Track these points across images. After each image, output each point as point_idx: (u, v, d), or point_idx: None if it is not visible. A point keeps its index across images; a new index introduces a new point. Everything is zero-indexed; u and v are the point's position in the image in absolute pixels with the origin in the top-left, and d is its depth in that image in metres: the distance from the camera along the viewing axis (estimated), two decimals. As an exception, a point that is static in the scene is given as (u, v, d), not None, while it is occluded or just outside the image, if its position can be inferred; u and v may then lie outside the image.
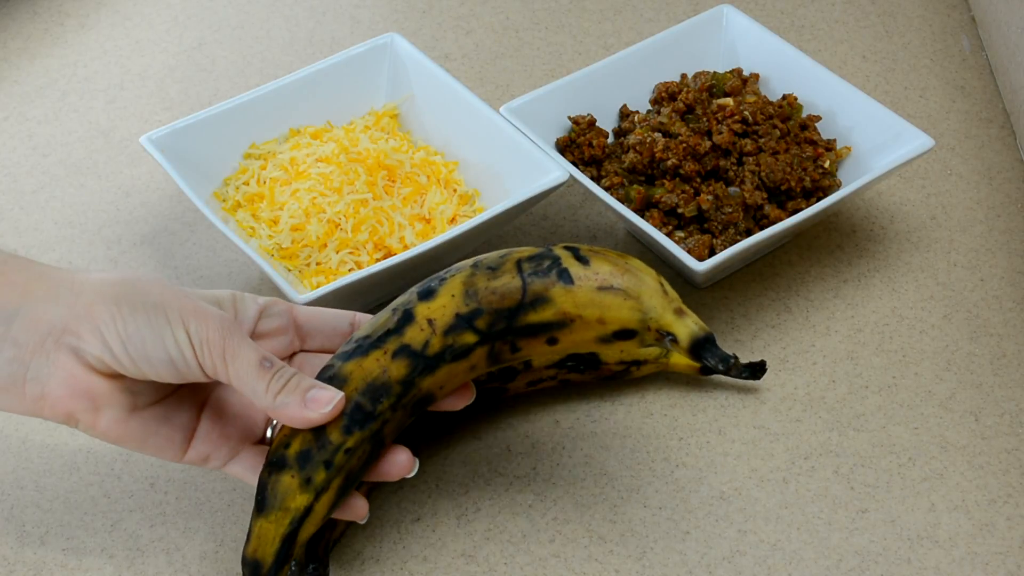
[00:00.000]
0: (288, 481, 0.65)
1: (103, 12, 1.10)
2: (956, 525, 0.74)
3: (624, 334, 0.67)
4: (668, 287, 0.68)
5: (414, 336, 0.66)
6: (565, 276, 0.67)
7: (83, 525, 0.75)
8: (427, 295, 0.67)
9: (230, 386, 0.69)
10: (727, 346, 0.84)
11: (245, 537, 0.66)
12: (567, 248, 0.68)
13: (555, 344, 0.68)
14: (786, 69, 0.92)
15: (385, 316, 0.68)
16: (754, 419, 0.80)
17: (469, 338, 0.67)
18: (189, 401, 0.68)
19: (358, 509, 0.67)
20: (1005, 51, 1.00)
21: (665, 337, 0.67)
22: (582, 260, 0.67)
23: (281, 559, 0.65)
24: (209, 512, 0.75)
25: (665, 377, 0.82)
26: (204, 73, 1.04)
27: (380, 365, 0.66)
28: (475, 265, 0.68)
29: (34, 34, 1.08)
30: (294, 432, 0.65)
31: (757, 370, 0.80)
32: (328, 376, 0.66)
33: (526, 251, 0.68)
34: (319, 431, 0.65)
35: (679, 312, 0.67)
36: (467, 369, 0.68)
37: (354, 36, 1.07)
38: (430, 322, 0.66)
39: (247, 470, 0.68)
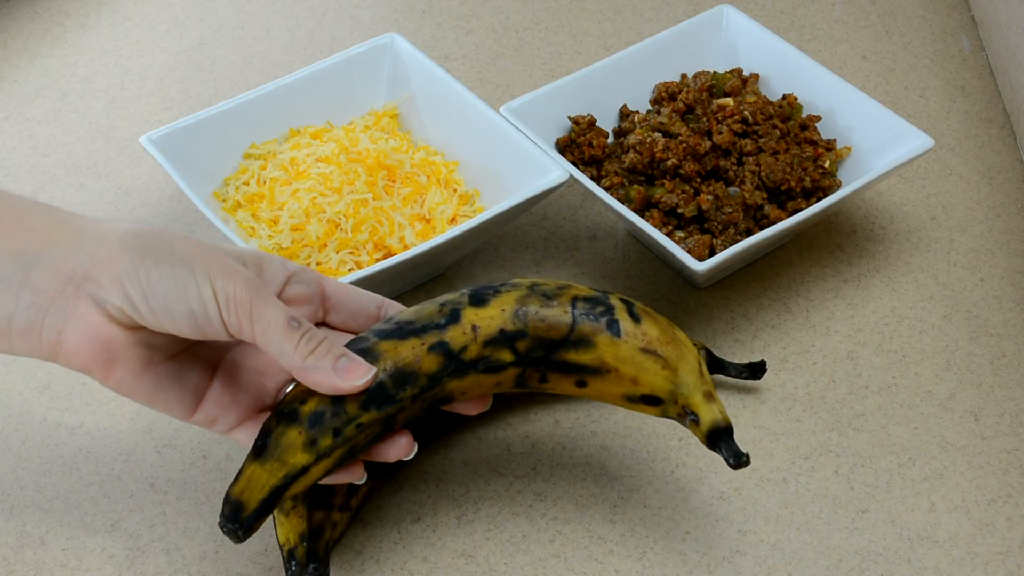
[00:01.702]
0: (294, 436, 0.64)
1: (103, 12, 1.10)
2: (956, 525, 0.74)
3: (651, 400, 0.69)
4: (704, 369, 0.69)
5: (455, 336, 0.67)
6: (614, 327, 0.68)
7: (83, 525, 0.75)
8: (478, 302, 0.68)
9: (251, 347, 0.68)
10: (727, 346, 0.84)
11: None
12: (623, 301, 0.69)
13: (582, 387, 0.69)
14: (786, 69, 0.92)
15: (431, 308, 0.68)
16: (754, 419, 0.80)
17: (506, 356, 0.67)
18: (203, 361, 0.67)
19: (355, 472, 0.67)
20: (1005, 51, 1.00)
21: (688, 415, 0.68)
22: (634, 317, 0.68)
23: (264, 508, 0.64)
24: (209, 512, 0.75)
25: (665, 377, 0.82)
26: (204, 73, 1.04)
27: (414, 354, 0.66)
28: (532, 287, 0.69)
29: (34, 34, 1.08)
30: (313, 391, 0.65)
31: (757, 370, 0.80)
32: (361, 348, 0.66)
33: (583, 291, 0.69)
34: (338, 398, 0.65)
35: (708, 396, 0.68)
36: (493, 384, 0.68)
37: (354, 36, 1.07)
38: (474, 328, 0.67)
39: (252, 438, 0.67)
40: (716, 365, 0.80)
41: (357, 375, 0.64)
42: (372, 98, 0.94)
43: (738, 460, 0.67)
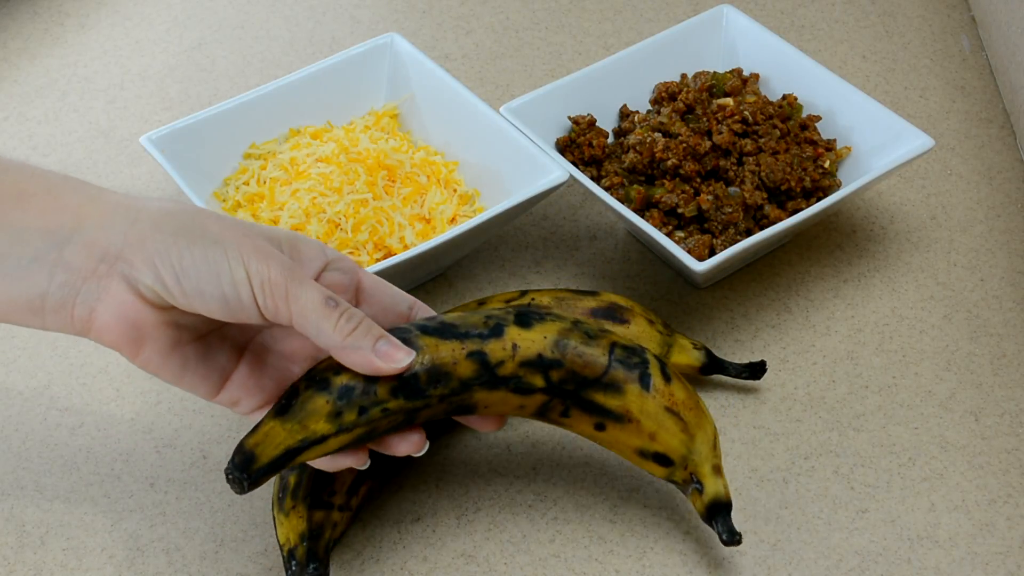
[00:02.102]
0: (321, 404, 0.65)
1: (103, 12, 1.10)
2: (956, 525, 0.74)
3: (662, 459, 0.70)
4: (718, 442, 0.71)
5: (494, 349, 0.68)
6: (646, 381, 0.70)
7: (83, 525, 0.75)
8: (523, 323, 0.69)
9: (280, 331, 0.68)
10: (727, 346, 0.84)
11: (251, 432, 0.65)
12: (658, 359, 0.71)
13: (600, 431, 0.70)
14: (786, 69, 0.92)
15: (477, 318, 0.69)
16: (754, 419, 0.80)
17: (538, 381, 0.68)
18: (231, 342, 0.67)
19: (360, 457, 0.67)
20: (1005, 51, 1.00)
21: (693, 483, 0.70)
22: (665, 376, 0.70)
23: (274, 466, 0.64)
24: (209, 512, 0.75)
25: (665, 377, 0.82)
26: (204, 73, 1.04)
27: (453, 356, 0.67)
28: (576, 323, 0.70)
29: (34, 34, 1.08)
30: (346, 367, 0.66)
31: (757, 370, 0.80)
32: (402, 337, 0.66)
33: (623, 339, 0.71)
34: (371, 378, 0.65)
35: (717, 469, 0.70)
36: (517, 405, 0.69)
37: (354, 36, 1.07)
38: (515, 346, 0.68)
39: None
40: (716, 365, 0.80)
41: (397, 358, 0.64)
42: (372, 98, 0.94)
43: (731, 538, 0.70)
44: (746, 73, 0.93)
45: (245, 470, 0.64)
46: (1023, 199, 0.94)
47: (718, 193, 0.84)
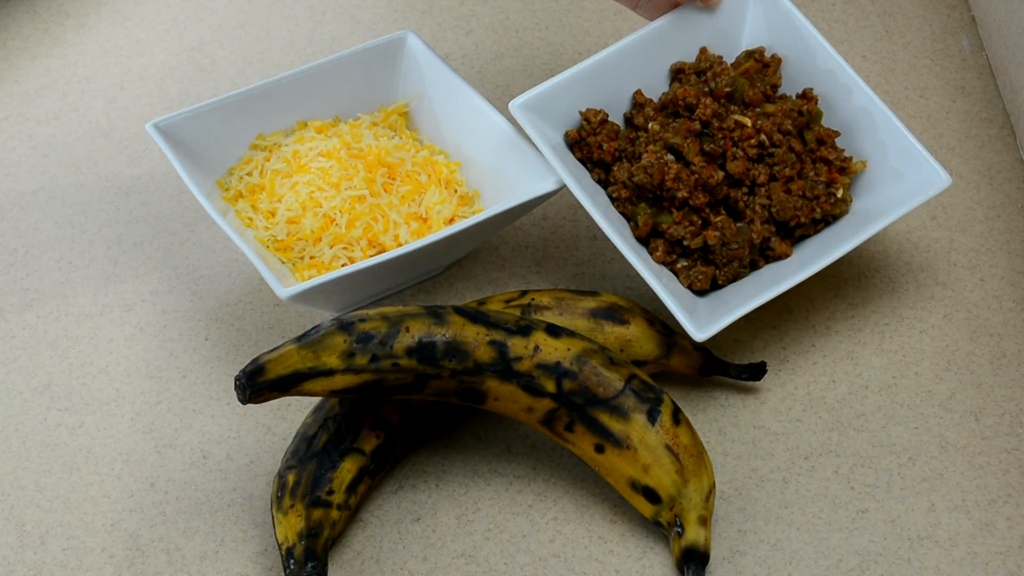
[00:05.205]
0: (339, 341, 0.69)
1: (103, 12, 1.10)
2: (956, 525, 0.74)
3: (651, 495, 0.71)
4: (712, 499, 0.72)
5: (516, 344, 0.71)
6: (654, 415, 0.72)
7: (83, 525, 0.75)
8: (552, 332, 0.72)
9: None
10: (727, 346, 0.84)
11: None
12: (674, 403, 0.73)
13: (599, 453, 0.72)
14: (808, 53, 0.86)
15: (510, 317, 0.73)
16: (754, 419, 0.80)
17: (549, 386, 0.71)
18: None
19: None
20: (1005, 51, 1.00)
21: (675, 526, 0.71)
22: (675, 418, 0.72)
23: (279, 384, 0.68)
24: (209, 512, 0.75)
25: (665, 377, 0.82)
26: (204, 73, 1.04)
27: (476, 338, 0.71)
28: (602, 348, 0.73)
29: (34, 34, 1.08)
30: (376, 318, 0.70)
31: (757, 371, 0.80)
32: (437, 313, 0.71)
33: (644, 376, 0.73)
34: (394, 331, 0.69)
35: (703, 520, 0.71)
36: (525, 407, 0.72)
37: (354, 36, 1.07)
38: (536, 348, 0.71)
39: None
40: (716, 365, 0.80)
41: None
42: (383, 95, 0.93)
43: None
44: (767, 55, 0.87)
45: (251, 379, 0.67)
46: (1023, 199, 0.94)
47: (725, 232, 0.81)
